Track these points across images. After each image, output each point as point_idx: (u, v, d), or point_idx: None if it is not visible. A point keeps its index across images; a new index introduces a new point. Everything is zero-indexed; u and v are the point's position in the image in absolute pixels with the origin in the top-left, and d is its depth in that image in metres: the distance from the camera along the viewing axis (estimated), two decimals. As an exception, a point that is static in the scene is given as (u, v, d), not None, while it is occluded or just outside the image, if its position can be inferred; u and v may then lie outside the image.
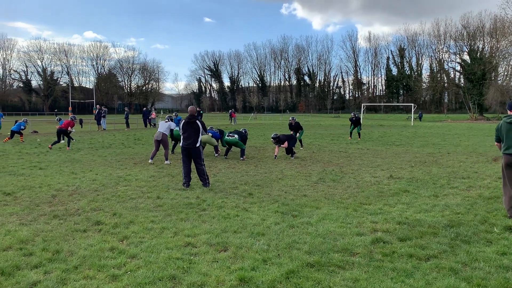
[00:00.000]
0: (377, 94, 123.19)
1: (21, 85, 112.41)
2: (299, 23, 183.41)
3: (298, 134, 17.69)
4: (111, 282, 4.27)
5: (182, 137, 9.44)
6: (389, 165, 12.69)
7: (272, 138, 14.48)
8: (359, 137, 22.88)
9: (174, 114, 26.25)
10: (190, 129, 9.33)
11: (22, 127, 21.89)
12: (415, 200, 7.91)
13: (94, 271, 4.51)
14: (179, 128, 9.61)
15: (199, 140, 9.37)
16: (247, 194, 8.50)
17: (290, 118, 18.72)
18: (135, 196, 8.33)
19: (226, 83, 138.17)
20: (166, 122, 14.05)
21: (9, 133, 21.79)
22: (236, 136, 14.37)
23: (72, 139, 19.17)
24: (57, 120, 22.08)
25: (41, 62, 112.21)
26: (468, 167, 12.17)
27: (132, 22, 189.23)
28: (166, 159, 13.50)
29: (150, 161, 13.35)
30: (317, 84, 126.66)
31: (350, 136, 23.36)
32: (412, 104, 54.25)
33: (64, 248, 5.23)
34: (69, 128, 18.00)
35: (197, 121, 9.41)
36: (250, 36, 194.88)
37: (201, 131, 9.41)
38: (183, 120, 9.51)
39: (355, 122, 22.87)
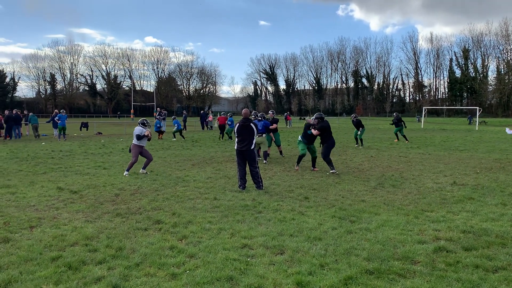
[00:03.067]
0: (439, 97, 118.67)
1: (87, 89, 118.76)
2: (356, 25, 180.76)
3: (359, 132, 20.17)
4: (170, 280, 4.38)
5: (236, 140, 9.54)
6: (452, 171, 12.16)
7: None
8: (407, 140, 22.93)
9: (228, 114, 27.07)
10: (244, 132, 9.42)
11: (176, 124, 25.43)
12: (480, 208, 7.52)
13: (155, 269, 4.65)
14: (234, 131, 9.73)
15: (254, 143, 9.45)
16: (303, 198, 8.45)
17: (352, 116, 21.05)
18: (193, 197, 8.52)
19: (282, 86, 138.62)
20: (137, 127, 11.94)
21: (175, 133, 25.65)
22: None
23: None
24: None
25: (105, 66, 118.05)
26: (540, 174, 11.42)
27: (189, 27, 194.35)
28: (143, 168, 11.88)
29: (125, 173, 11.47)
30: (375, 87, 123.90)
31: (397, 138, 23.57)
32: (477, 108, 51.66)
33: (127, 245, 5.43)
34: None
35: (251, 124, 9.48)
36: (306, 39, 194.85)
37: (255, 134, 9.49)
38: (238, 123, 9.59)
39: (396, 123, 23.01)
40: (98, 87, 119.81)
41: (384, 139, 25.47)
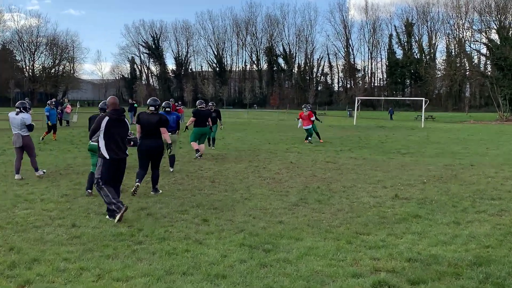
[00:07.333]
0: (375, 84, 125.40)
1: None
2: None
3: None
4: None
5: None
6: (393, 180, 12.85)
7: None
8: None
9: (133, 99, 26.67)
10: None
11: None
12: (429, 229, 8.01)
13: (-18, 332, 4.36)
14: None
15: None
16: (200, 221, 8.45)
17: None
18: (41, 224, 8.15)
19: (171, 65, 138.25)
20: (17, 114, 12.55)
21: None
22: None
23: None
24: None
25: None
26: (499, 184, 12.39)
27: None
28: (36, 170, 12.92)
29: (16, 176, 12.53)
30: (295, 70, 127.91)
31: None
32: (423, 99, 54.79)
33: None
34: None
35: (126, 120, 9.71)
36: (203, 2, 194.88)
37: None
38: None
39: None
40: None
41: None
